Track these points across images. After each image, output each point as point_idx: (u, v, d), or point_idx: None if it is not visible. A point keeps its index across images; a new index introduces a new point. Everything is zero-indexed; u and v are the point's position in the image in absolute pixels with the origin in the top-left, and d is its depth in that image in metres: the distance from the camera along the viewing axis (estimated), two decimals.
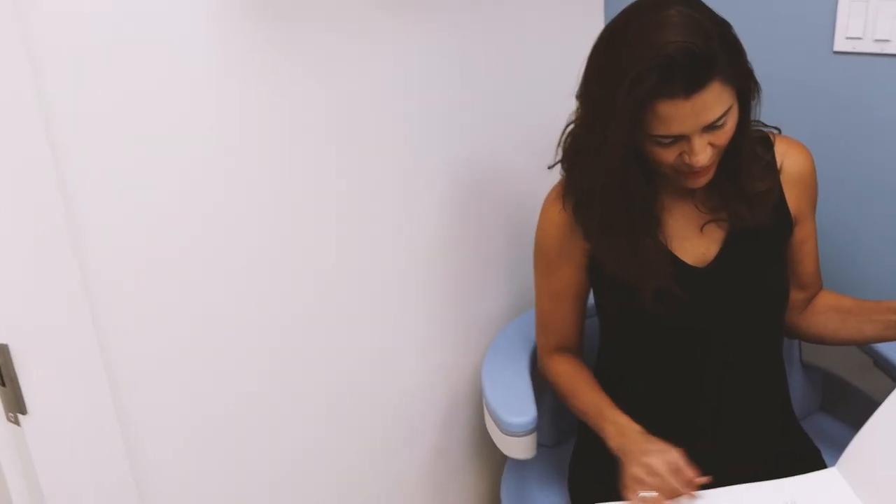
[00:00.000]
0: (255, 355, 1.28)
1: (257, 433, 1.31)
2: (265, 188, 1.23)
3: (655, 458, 1.17)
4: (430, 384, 1.57)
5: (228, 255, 1.21)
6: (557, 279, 1.34)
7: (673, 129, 1.10)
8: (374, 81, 1.33)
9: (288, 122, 1.24)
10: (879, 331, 1.28)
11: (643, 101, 1.08)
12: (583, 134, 1.20)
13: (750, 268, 1.27)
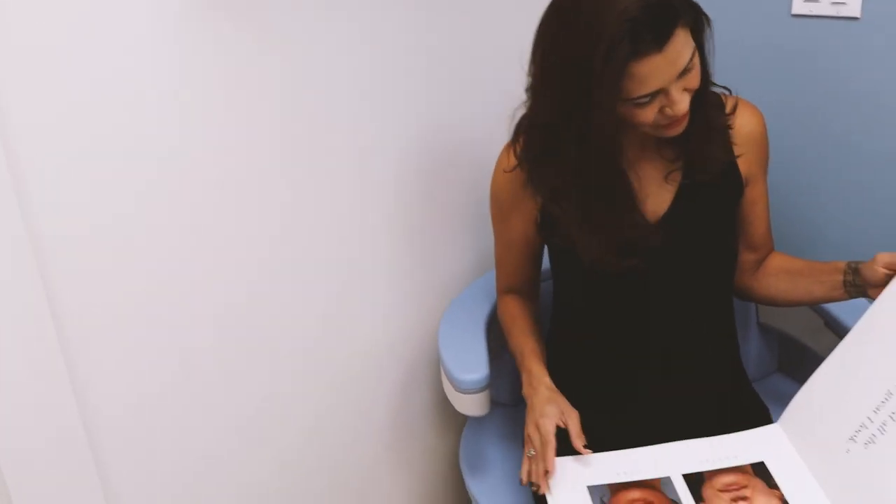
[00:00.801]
0: (210, 314, 1.29)
1: (212, 391, 1.33)
2: (221, 156, 1.23)
3: (547, 421, 1.20)
4: (391, 345, 1.59)
5: (181, 215, 1.21)
6: (509, 229, 1.35)
7: (652, 85, 1.10)
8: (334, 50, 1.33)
9: (246, 96, 1.24)
10: (827, 291, 1.30)
11: (619, 70, 1.07)
12: (551, 127, 1.17)
13: (698, 225, 1.28)
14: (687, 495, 1.19)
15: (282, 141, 1.31)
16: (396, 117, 1.46)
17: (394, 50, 1.42)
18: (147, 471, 1.27)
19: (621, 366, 1.34)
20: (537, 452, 1.20)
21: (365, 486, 1.62)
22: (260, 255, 1.33)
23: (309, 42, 1.30)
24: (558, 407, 1.22)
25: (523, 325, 1.37)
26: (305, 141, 1.34)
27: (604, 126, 1.11)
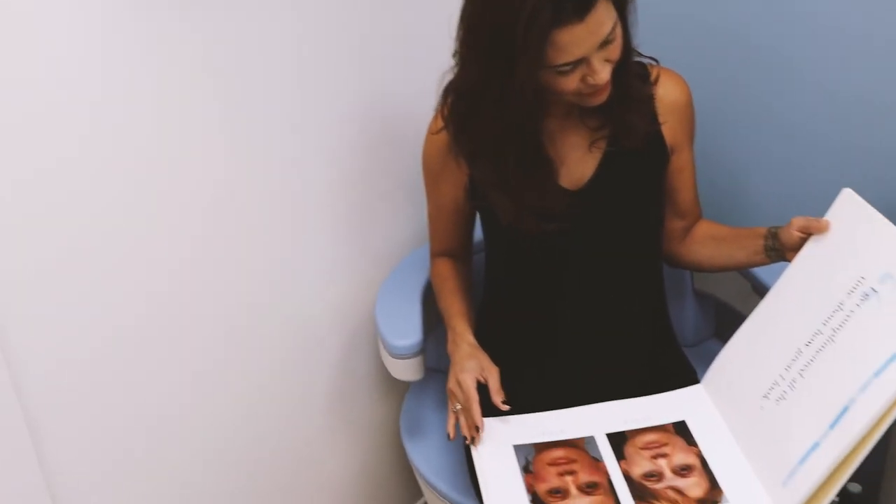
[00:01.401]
0: (145, 285, 1.29)
1: (153, 357, 1.34)
2: (155, 126, 1.24)
3: (467, 376, 1.23)
4: (332, 314, 1.60)
5: (113, 180, 1.21)
6: (440, 194, 1.38)
7: (574, 54, 1.12)
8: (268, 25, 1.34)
9: (180, 71, 1.24)
10: (749, 256, 1.33)
11: (541, 38, 1.09)
12: (477, 91, 1.19)
13: (622, 192, 1.31)
14: (609, 453, 1.22)
15: (218, 114, 1.31)
16: (333, 89, 1.47)
17: (326, 23, 1.42)
18: (86, 441, 1.28)
19: (548, 329, 1.37)
20: (462, 407, 1.24)
21: (308, 453, 1.64)
22: (196, 227, 1.34)
23: (243, 19, 1.30)
24: (478, 362, 1.25)
25: (452, 286, 1.40)
26: (242, 114, 1.35)
27: (524, 92, 1.14)
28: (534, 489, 1.17)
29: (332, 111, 1.48)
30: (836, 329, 1.13)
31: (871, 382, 1.05)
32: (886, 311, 1.08)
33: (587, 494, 1.16)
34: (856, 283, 1.13)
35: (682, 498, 1.15)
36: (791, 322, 1.20)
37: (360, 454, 1.75)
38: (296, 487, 1.64)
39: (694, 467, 1.19)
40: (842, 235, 1.18)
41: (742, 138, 1.63)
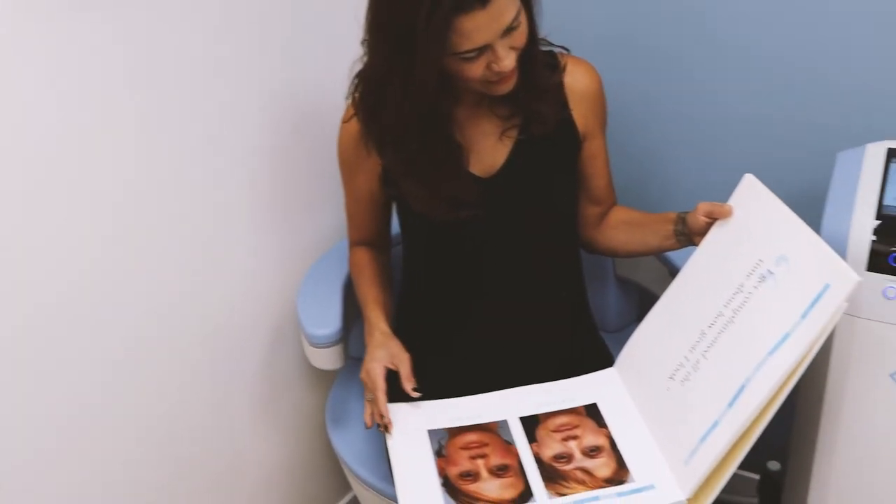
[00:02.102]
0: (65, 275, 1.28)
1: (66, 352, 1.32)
2: (69, 121, 1.23)
3: (375, 365, 1.25)
4: (257, 304, 1.60)
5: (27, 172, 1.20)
6: (356, 185, 1.39)
7: (477, 41, 1.13)
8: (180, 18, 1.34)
9: (90, 66, 1.23)
10: (661, 241, 1.36)
11: (444, 24, 1.10)
12: (382, 77, 1.20)
13: (534, 179, 1.33)
14: (521, 437, 1.24)
15: (134, 110, 1.31)
16: (249, 83, 1.47)
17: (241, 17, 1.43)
18: None
19: (464, 316, 1.39)
20: (373, 396, 1.25)
21: (234, 446, 1.64)
22: (116, 222, 1.33)
23: (155, 18, 1.30)
24: (388, 351, 1.27)
25: (369, 275, 1.41)
26: (158, 110, 1.34)
27: (428, 79, 1.15)
28: (445, 473, 1.18)
29: (249, 105, 1.48)
30: (736, 311, 1.16)
31: (765, 361, 1.08)
32: (781, 293, 1.11)
33: (498, 477, 1.18)
34: (754, 266, 1.16)
35: (590, 478, 1.17)
36: (695, 305, 1.23)
37: (289, 446, 1.75)
38: (223, 481, 1.64)
39: (603, 448, 1.22)
40: (743, 219, 1.21)
41: (656, 124, 1.66)
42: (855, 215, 1.21)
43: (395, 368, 1.25)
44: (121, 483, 1.45)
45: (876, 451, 1.27)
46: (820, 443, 1.31)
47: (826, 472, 1.32)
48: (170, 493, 1.54)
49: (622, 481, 1.17)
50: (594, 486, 1.16)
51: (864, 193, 1.24)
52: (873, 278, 1.19)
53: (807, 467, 1.34)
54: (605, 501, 1.14)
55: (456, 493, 1.15)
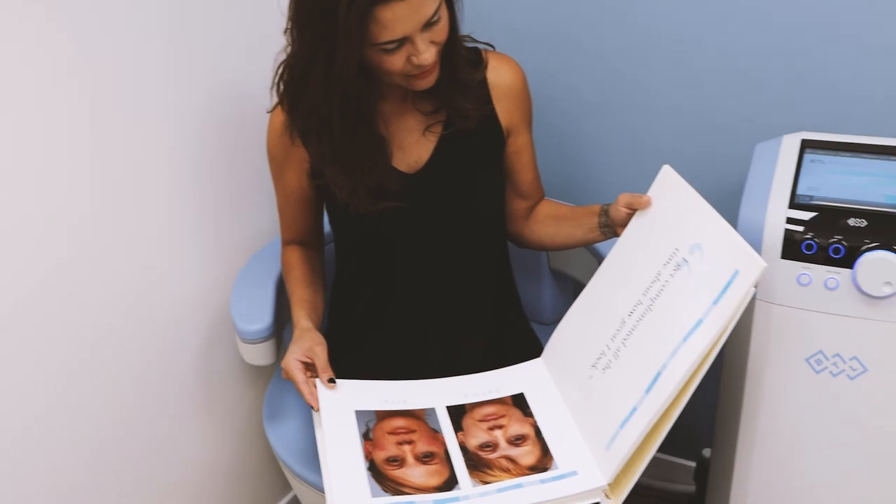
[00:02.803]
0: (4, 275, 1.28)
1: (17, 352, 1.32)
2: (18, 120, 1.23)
3: (290, 358, 1.27)
4: (193, 302, 1.60)
5: None
6: (285, 182, 1.40)
7: (397, 32, 1.14)
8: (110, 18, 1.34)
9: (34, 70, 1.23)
10: (586, 233, 1.39)
11: (365, 13, 1.12)
12: (305, 66, 1.21)
13: (457, 174, 1.35)
14: (448, 425, 1.26)
15: (69, 107, 1.31)
16: (185, 81, 1.48)
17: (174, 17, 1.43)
18: None
19: (393, 309, 1.41)
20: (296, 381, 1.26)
21: (173, 445, 1.63)
22: (50, 225, 1.32)
23: (88, 20, 1.30)
24: (304, 345, 1.28)
25: (298, 274, 1.42)
26: (91, 108, 1.34)
27: (348, 68, 1.16)
28: (371, 456, 1.19)
29: (182, 103, 1.48)
30: (654, 299, 1.19)
31: (679, 348, 1.11)
32: (695, 280, 1.14)
33: (423, 464, 1.19)
34: (671, 255, 1.18)
35: (515, 466, 1.19)
36: (616, 294, 1.25)
37: (228, 443, 1.75)
38: (161, 480, 1.63)
39: (528, 437, 1.24)
40: (661, 210, 1.24)
41: (582, 119, 1.69)
42: (770, 204, 1.24)
43: (311, 361, 1.26)
44: (53, 485, 1.44)
45: (795, 433, 1.31)
46: (742, 427, 1.34)
47: (748, 455, 1.35)
48: (105, 494, 1.53)
49: (546, 468, 1.19)
50: (518, 474, 1.18)
51: (778, 183, 1.27)
52: (787, 265, 1.23)
53: (730, 452, 1.37)
54: (529, 489, 1.16)
55: (381, 478, 1.16)
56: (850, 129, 1.41)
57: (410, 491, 1.15)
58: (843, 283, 1.20)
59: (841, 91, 1.47)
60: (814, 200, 1.24)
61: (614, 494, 1.16)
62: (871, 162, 1.30)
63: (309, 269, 1.43)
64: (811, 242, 1.21)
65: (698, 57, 1.54)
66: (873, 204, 1.22)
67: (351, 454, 1.19)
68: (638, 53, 1.58)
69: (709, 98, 1.56)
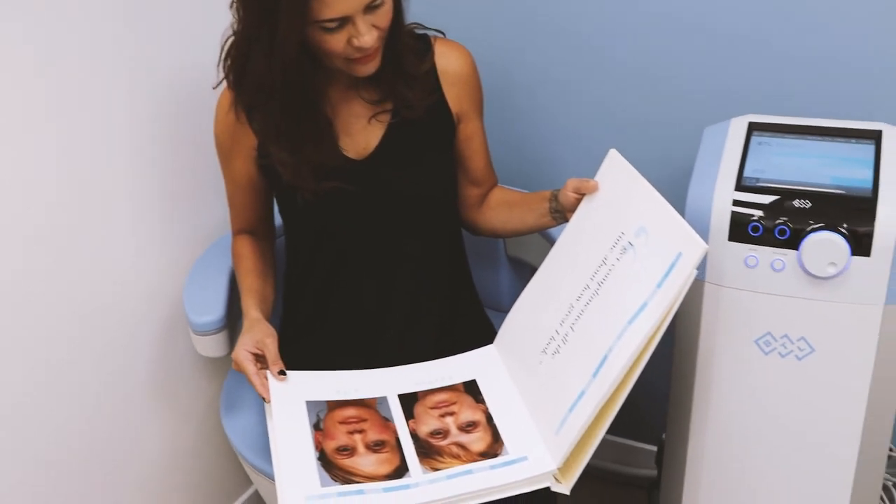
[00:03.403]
0: None
1: None
2: None
3: (239, 350, 1.26)
4: (148, 295, 1.59)
5: None
6: (233, 169, 1.39)
7: (338, 10, 1.14)
8: None
9: None
10: (537, 219, 1.39)
11: None
12: (248, 41, 1.22)
13: (406, 161, 1.34)
14: (399, 413, 1.26)
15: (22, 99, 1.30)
16: (134, 73, 1.46)
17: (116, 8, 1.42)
18: None
19: (343, 296, 1.40)
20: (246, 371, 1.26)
21: (131, 440, 1.62)
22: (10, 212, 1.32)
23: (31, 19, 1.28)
24: (253, 336, 1.27)
25: (248, 264, 1.41)
26: (43, 100, 1.33)
27: (290, 44, 1.16)
28: (322, 446, 1.19)
29: (132, 96, 1.47)
30: (601, 283, 1.19)
31: (625, 331, 1.11)
32: (640, 263, 1.14)
33: (374, 452, 1.19)
34: (617, 238, 1.19)
35: (465, 452, 1.19)
36: (565, 279, 1.25)
37: (187, 437, 1.74)
38: (120, 477, 1.62)
39: (479, 423, 1.24)
40: (608, 194, 1.24)
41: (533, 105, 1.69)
42: (717, 187, 1.25)
43: (261, 353, 1.26)
44: (10, 479, 1.43)
45: (746, 414, 1.32)
46: (694, 410, 1.35)
47: (700, 437, 1.36)
48: (64, 487, 1.52)
49: (496, 454, 1.19)
50: (468, 460, 1.18)
51: (726, 166, 1.28)
52: (735, 248, 1.23)
53: (683, 434, 1.38)
54: (479, 475, 1.16)
55: (331, 468, 1.16)
56: (799, 111, 1.41)
57: (360, 479, 1.15)
58: (789, 264, 1.21)
59: (789, 74, 1.48)
60: (760, 183, 1.24)
61: (564, 479, 1.16)
62: (818, 144, 1.31)
63: (259, 258, 1.42)
64: (757, 224, 1.21)
65: (650, 42, 1.54)
66: (818, 185, 1.22)
67: (301, 444, 1.19)
68: (590, 40, 1.58)
69: (660, 83, 1.57)
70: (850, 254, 1.17)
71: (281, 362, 1.25)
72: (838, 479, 1.30)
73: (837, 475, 1.29)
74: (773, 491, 1.34)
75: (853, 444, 1.27)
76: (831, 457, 1.29)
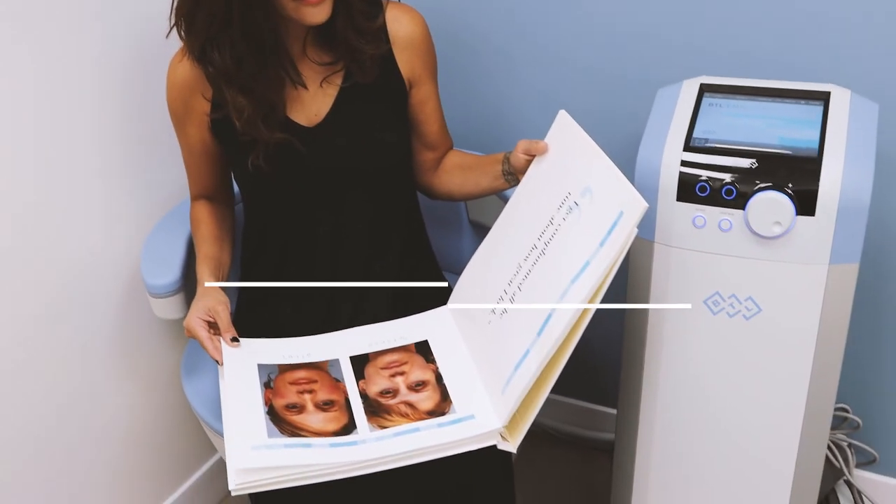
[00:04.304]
0: None
1: None
2: None
3: (191, 318, 1.27)
4: (109, 260, 1.59)
5: None
6: (187, 135, 1.39)
7: None
8: None
9: None
10: (491, 182, 1.39)
11: None
12: None
13: (359, 126, 1.34)
14: (350, 374, 1.27)
15: None
16: (94, 35, 1.46)
17: None
18: None
19: (297, 262, 1.40)
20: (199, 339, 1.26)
21: (92, 405, 1.63)
22: None
23: None
24: (205, 304, 1.27)
25: (205, 230, 1.41)
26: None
27: None
28: (271, 402, 1.20)
29: (93, 58, 1.47)
30: (547, 243, 1.20)
31: (568, 290, 1.12)
32: (584, 223, 1.15)
33: (323, 411, 1.20)
34: (563, 198, 1.19)
35: (413, 411, 1.20)
36: (514, 240, 1.26)
37: (151, 402, 1.75)
38: (84, 443, 1.63)
39: (428, 382, 1.25)
40: (557, 155, 1.25)
41: (485, 68, 1.69)
42: (666, 148, 1.25)
43: (212, 320, 1.26)
44: None
45: (695, 375, 1.33)
46: (645, 370, 1.36)
47: (652, 397, 1.37)
48: (25, 453, 1.53)
49: (444, 413, 1.20)
50: (416, 419, 1.19)
51: (675, 127, 1.28)
52: (683, 208, 1.24)
53: (636, 396, 1.39)
54: (426, 432, 1.17)
55: (279, 421, 1.17)
56: (750, 73, 1.42)
57: (308, 434, 1.16)
58: (735, 224, 1.22)
59: (744, 35, 1.48)
60: (709, 143, 1.25)
61: (511, 438, 1.17)
62: (767, 105, 1.31)
63: (216, 224, 1.42)
64: (704, 184, 1.22)
65: (603, 5, 1.54)
66: (766, 145, 1.23)
67: (250, 400, 1.20)
68: (545, 4, 1.58)
69: (617, 41, 1.57)
70: (794, 213, 1.18)
71: (233, 329, 1.26)
72: (785, 436, 1.31)
73: (784, 431, 1.31)
74: (723, 451, 1.36)
75: (800, 402, 1.29)
76: (779, 414, 1.30)
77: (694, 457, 1.38)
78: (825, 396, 1.29)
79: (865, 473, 1.78)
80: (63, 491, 1.61)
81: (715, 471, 1.38)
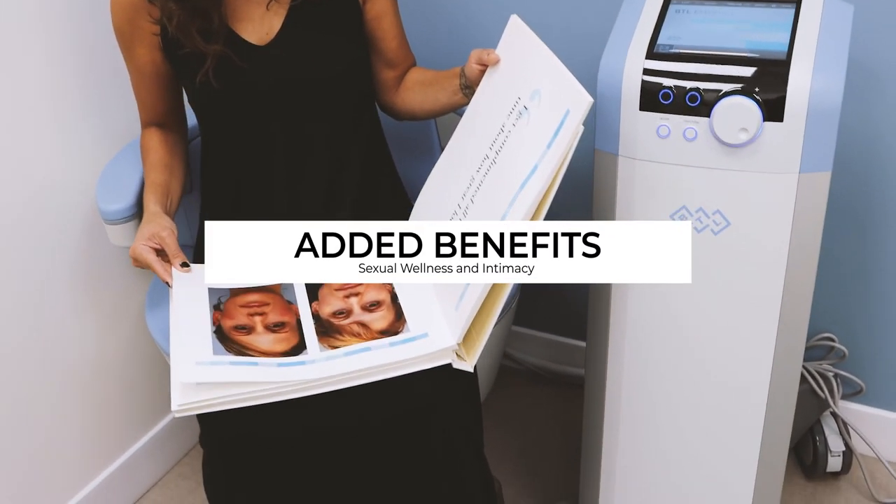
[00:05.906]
0: None
1: None
2: None
3: (136, 244, 1.23)
4: (73, 186, 1.56)
5: None
6: (136, 58, 1.34)
7: None
8: None
9: None
10: (450, 97, 1.34)
11: None
12: None
13: (311, 44, 1.30)
14: (303, 297, 1.23)
15: None
16: None
17: None
18: None
19: (254, 187, 1.36)
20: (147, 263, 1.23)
21: (55, 343, 1.60)
22: None
23: None
24: (151, 229, 1.23)
25: (154, 157, 1.37)
26: None
27: None
28: (219, 323, 1.17)
29: None
30: (499, 151, 1.15)
31: (517, 196, 1.08)
32: (532, 127, 1.10)
33: (273, 332, 1.17)
34: (514, 104, 1.14)
35: (366, 331, 1.17)
36: (468, 152, 1.22)
37: (117, 340, 1.72)
38: (45, 380, 1.59)
39: (383, 303, 1.21)
40: (508, 62, 1.20)
41: None
42: (628, 56, 1.20)
43: (159, 247, 1.22)
44: None
45: (664, 293, 1.28)
46: (613, 296, 1.32)
47: (620, 322, 1.32)
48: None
49: (397, 332, 1.16)
50: (369, 338, 1.16)
51: (640, 34, 1.22)
52: (646, 117, 1.19)
53: (603, 323, 1.35)
54: (377, 351, 1.13)
55: (226, 341, 1.14)
56: None
57: (255, 354, 1.13)
58: (701, 132, 1.16)
59: None
60: (673, 49, 1.19)
61: (468, 356, 1.13)
62: (737, 9, 1.25)
63: (167, 151, 1.38)
64: (668, 91, 1.16)
65: None
66: (732, 50, 1.17)
67: (198, 321, 1.16)
68: None
69: None
70: (762, 119, 1.12)
71: (182, 255, 1.22)
72: (758, 359, 1.27)
73: (756, 354, 1.26)
74: (694, 377, 1.31)
75: (772, 322, 1.24)
76: (750, 335, 1.26)
77: (663, 383, 1.34)
78: (798, 317, 1.24)
79: (852, 404, 1.73)
80: (36, 428, 1.59)
81: (686, 397, 1.34)
